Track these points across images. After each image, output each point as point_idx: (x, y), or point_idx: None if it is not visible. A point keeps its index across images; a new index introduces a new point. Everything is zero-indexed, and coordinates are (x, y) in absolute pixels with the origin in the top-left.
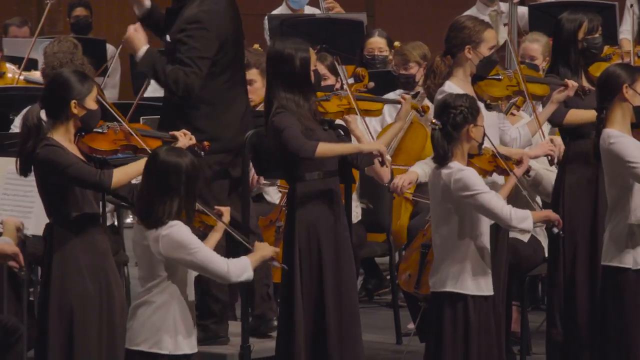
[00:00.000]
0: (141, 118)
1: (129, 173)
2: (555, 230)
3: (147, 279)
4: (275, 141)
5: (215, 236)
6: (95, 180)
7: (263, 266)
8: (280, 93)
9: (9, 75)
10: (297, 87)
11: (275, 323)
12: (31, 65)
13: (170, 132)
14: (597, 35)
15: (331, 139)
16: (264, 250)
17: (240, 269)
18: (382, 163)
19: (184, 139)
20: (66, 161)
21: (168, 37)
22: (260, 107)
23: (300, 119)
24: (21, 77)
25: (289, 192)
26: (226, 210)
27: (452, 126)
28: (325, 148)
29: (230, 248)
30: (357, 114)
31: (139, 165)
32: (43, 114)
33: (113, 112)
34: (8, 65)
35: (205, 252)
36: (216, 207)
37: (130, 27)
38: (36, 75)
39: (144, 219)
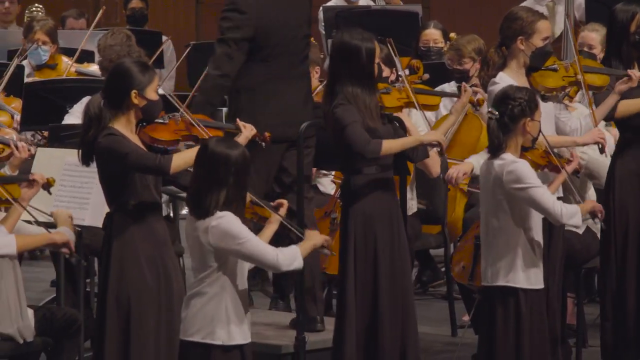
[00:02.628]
0: None
1: (187, 158)
2: (597, 221)
3: (199, 269)
4: (335, 134)
5: (271, 228)
6: (155, 164)
7: (306, 266)
8: (345, 85)
9: (62, 67)
10: (362, 79)
11: (319, 326)
12: (87, 57)
13: (236, 123)
14: None
15: (389, 133)
16: (315, 238)
17: (290, 257)
18: (441, 154)
19: (246, 130)
20: (126, 148)
21: None
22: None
23: (364, 115)
24: (73, 69)
25: (344, 185)
26: (285, 203)
27: (509, 117)
28: (389, 145)
29: (280, 238)
30: (415, 108)
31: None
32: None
33: (176, 102)
34: (63, 57)
35: (254, 242)
36: (277, 200)
37: None
38: (89, 67)
39: (192, 208)
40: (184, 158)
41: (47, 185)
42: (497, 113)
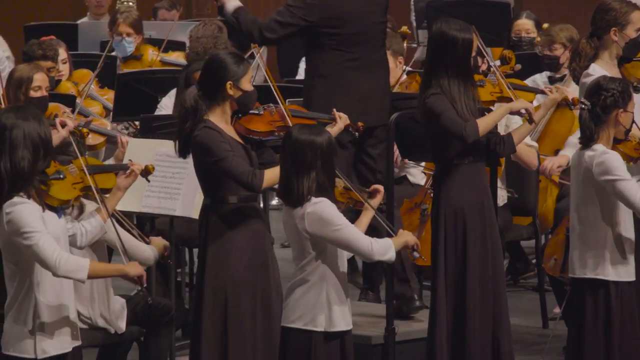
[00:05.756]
0: (286, 101)
1: (278, 174)
2: None
3: (299, 258)
4: (428, 124)
5: (367, 216)
6: (247, 181)
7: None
8: (440, 76)
9: (148, 57)
10: (458, 70)
11: (417, 303)
12: (178, 47)
13: (332, 113)
14: None
15: None
16: (407, 237)
17: (384, 248)
18: (531, 121)
19: (341, 121)
20: (221, 153)
21: None
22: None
23: (455, 107)
24: (158, 59)
25: (436, 176)
26: (381, 189)
27: (601, 108)
28: (484, 124)
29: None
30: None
31: None
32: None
33: (275, 93)
34: (149, 48)
35: (349, 229)
36: (373, 186)
37: None
38: (173, 56)
39: (284, 197)
40: (276, 175)
41: (146, 172)
42: (589, 104)
